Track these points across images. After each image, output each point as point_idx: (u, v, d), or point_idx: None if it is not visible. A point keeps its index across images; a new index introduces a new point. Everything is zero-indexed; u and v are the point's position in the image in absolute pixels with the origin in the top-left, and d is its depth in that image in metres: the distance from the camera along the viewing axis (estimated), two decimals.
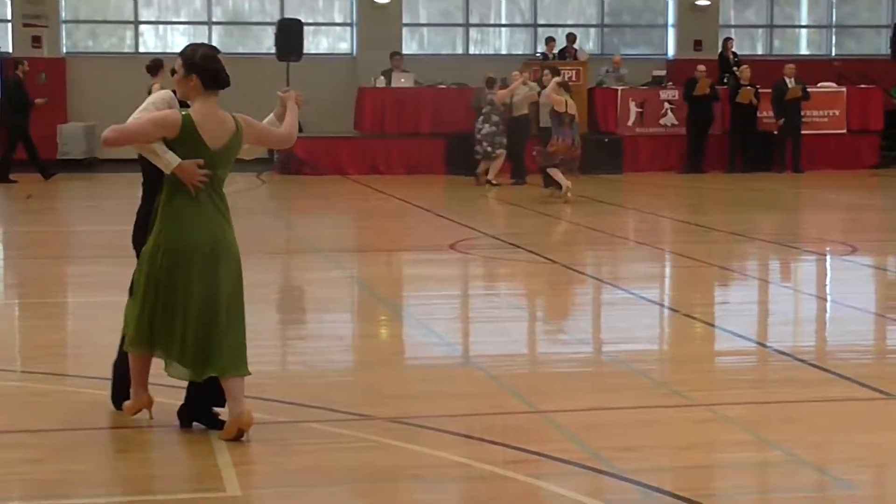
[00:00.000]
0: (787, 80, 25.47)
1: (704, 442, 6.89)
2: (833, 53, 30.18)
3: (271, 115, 7.27)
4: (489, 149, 22.58)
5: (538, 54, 27.05)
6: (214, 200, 6.75)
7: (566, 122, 19.33)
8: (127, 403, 6.97)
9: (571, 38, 27.04)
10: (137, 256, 6.87)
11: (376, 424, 7.01)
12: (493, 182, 22.18)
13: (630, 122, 25.79)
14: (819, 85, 26.62)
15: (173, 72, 6.85)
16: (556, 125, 19.53)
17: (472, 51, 29.10)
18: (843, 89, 26.84)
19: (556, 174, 19.27)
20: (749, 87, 25.50)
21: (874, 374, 8.41)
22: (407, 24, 28.36)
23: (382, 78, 25.70)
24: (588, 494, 5.84)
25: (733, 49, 27.83)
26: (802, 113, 25.64)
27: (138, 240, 6.92)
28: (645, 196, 21.55)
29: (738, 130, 25.62)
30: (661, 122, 25.91)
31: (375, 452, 6.54)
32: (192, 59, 6.70)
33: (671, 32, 29.30)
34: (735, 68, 26.55)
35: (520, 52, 28.58)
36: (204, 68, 6.68)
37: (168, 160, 6.58)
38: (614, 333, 10.12)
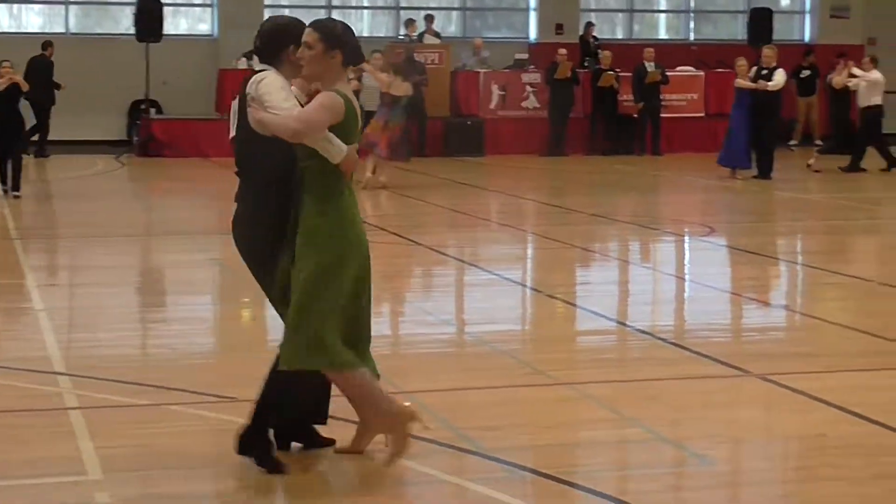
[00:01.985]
0: (647, 64, 25.81)
1: (567, 420, 6.97)
2: (692, 38, 30.64)
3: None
4: None
5: (401, 36, 27.04)
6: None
7: (385, 103, 19.05)
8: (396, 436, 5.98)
9: (430, 19, 27.07)
10: (259, 267, 6.06)
11: (240, 406, 6.94)
12: None
13: (492, 105, 25.92)
14: (678, 69, 27.04)
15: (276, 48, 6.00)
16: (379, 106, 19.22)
17: None
18: (702, 73, 27.31)
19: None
20: (610, 72, 25.80)
21: (731, 352, 8.58)
22: (269, 6, 28.11)
23: (244, 59, 25.46)
24: (453, 473, 5.87)
25: (594, 33, 28.12)
26: (662, 96, 26.02)
27: (261, 249, 5.98)
28: (507, 178, 21.69)
29: (598, 114, 25.93)
30: (523, 105, 26.09)
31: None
32: (334, 33, 5.85)
33: (533, 16, 29.48)
34: (596, 52, 26.84)
35: (382, 35, 28.53)
36: (348, 43, 5.87)
37: (339, 148, 5.76)
38: (477, 314, 10.17)
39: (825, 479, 5.99)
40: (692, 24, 30.98)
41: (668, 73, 26.07)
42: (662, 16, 31.52)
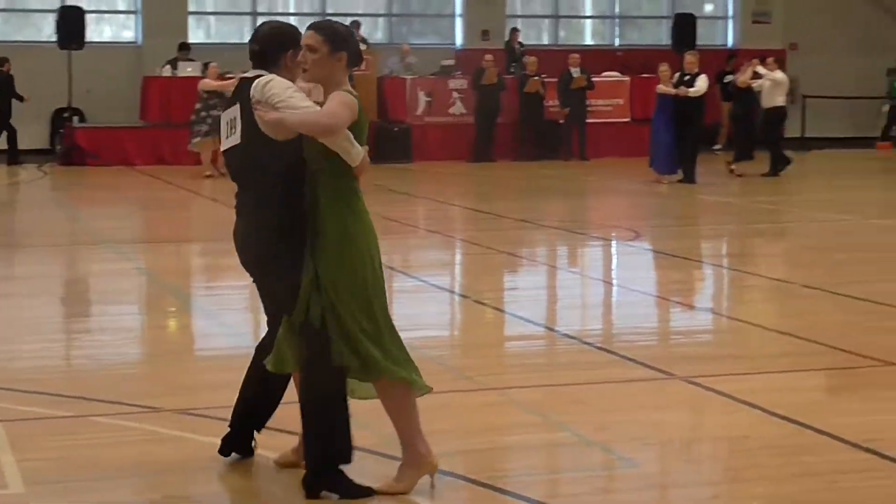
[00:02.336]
0: (573, 70, 25.92)
1: (495, 425, 6.96)
2: (617, 44, 30.84)
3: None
4: None
5: None
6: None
7: None
8: (413, 472, 5.78)
9: (356, 25, 27.00)
10: (269, 277, 5.82)
11: (164, 416, 6.90)
12: None
13: (419, 112, 25.94)
14: (603, 74, 27.19)
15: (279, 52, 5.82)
16: None
17: (214, 39, 28.61)
18: (627, 79, 27.47)
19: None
20: (536, 77, 25.88)
21: (657, 356, 8.62)
22: (193, 13, 27.96)
23: (168, 66, 25.31)
24: (380, 480, 5.84)
25: (520, 39, 28.21)
26: (587, 102, 26.15)
27: (272, 257, 5.74)
28: (435, 184, 21.70)
29: (525, 119, 26.01)
30: (450, 111, 26.12)
31: (163, 444, 6.44)
32: (339, 34, 5.66)
33: (459, 22, 29.53)
34: (522, 58, 26.93)
35: None
36: (352, 43, 5.71)
37: (358, 150, 5.59)
38: (405, 320, 10.08)
39: (750, 480, 6.03)
40: (617, 30, 31.17)
41: (593, 79, 26.20)
42: (588, 21, 31.68)
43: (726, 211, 18.10)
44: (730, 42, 31.10)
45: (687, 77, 20.79)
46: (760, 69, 22.37)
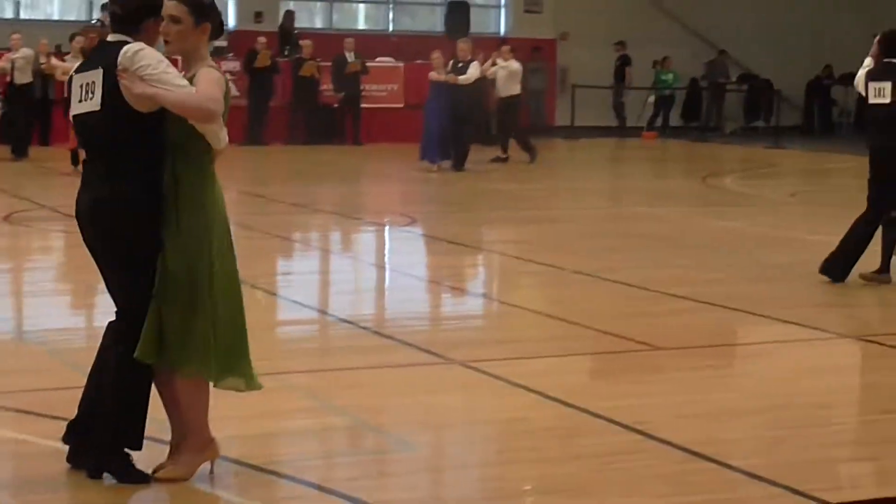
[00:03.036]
0: (347, 55, 25.89)
1: (269, 410, 6.87)
2: (391, 29, 30.91)
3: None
4: None
5: (95, 21, 26.30)
6: None
7: None
8: (196, 458, 5.63)
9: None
10: (123, 257, 5.50)
11: None
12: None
13: None
14: (378, 60, 27.24)
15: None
16: None
17: (23, 16, 27.91)
18: (401, 65, 27.57)
19: None
20: (311, 61, 25.76)
21: (432, 340, 8.69)
22: None
23: None
24: (154, 464, 5.71)
25: (294, 22, 28.03)
26: (362, 87, 26.15)
27: (130, 236, 5.46)
28: None
29: (299, 103, 25.87)
30: None
31: None
32: (203, 5, 5.43)
33: (231, 3, 29.16)
34: (297, 41, 26.76)
35: (73, 19, 27.69)
36: (216, 15, 5.48)
37: (225, 134, 5.45)
38: None
39: (526, 461, 6.11)
40: (391, 16, 31.24)
41: (368, 64, 26.22)
42: (362, 6, 31.67)
43: (498, 198, 18.32)
44: (502, 30, 31.51)
45: (460, 65, 20.96)
46: (499, 60, 22.64)
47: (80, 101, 5.53)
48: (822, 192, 20.15)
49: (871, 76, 10.87)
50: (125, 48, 5.37)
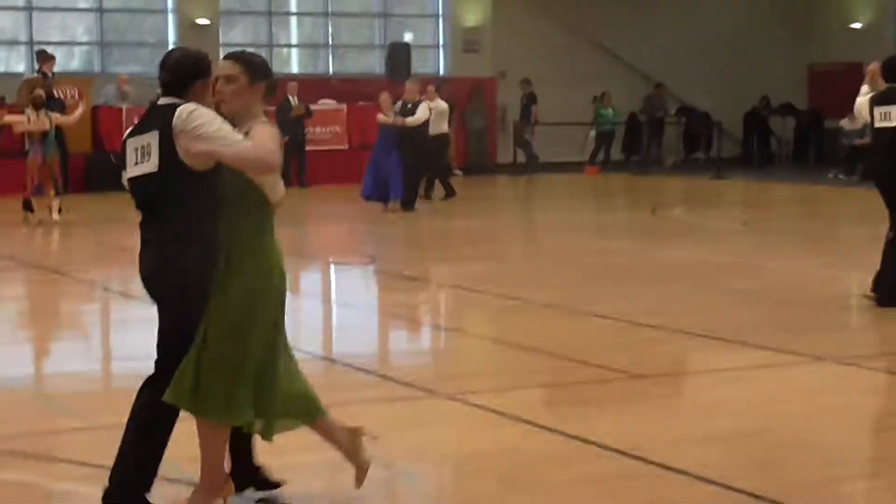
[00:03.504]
0: (290, 98, 25.92)
1: (269, 445, 6.86)
2: (331, 72, 30.96)
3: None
4: None
5: (37, 73, 26.12)
6: None
7: (37, 140, 18.68)
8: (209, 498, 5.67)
9: (43, 56, 26.15)
10: (186, 308, 5.51)
11: None
12: None
13: None
14: (319, 102, 27.29)
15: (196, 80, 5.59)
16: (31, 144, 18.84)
17: None
18: (343, 106, 27.64)
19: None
20: None
21: (416, 375, 8.68)
22: None
23: None
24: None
25: None
26: (306, 130, 26.19)
27: (190, 289, 5.50)
28: None
29: None
30: None
31: None
32: (258, 65, 5.56)
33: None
34: None
35: (20, 71, 27.58)
36: (270, 74, 5.61)
37: (282, 186, 5.52)
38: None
39: (527, 491, 6.14)
40: (330, 58, 31.29)
41: (311, 107, 26.26)
42: (294, 50, 31.66)
43: (455, 235, 18.42)
44: (441, 70, 31.69)
45: (409, 106, 21.02)
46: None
47: (136, 163, 5.58)
48: (771, 221, 20.41)
49: (877, 101, 11.09)
50: (179, 110, 5.41)
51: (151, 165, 5.49)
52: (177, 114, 5.41)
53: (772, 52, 33.59)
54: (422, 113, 20.94)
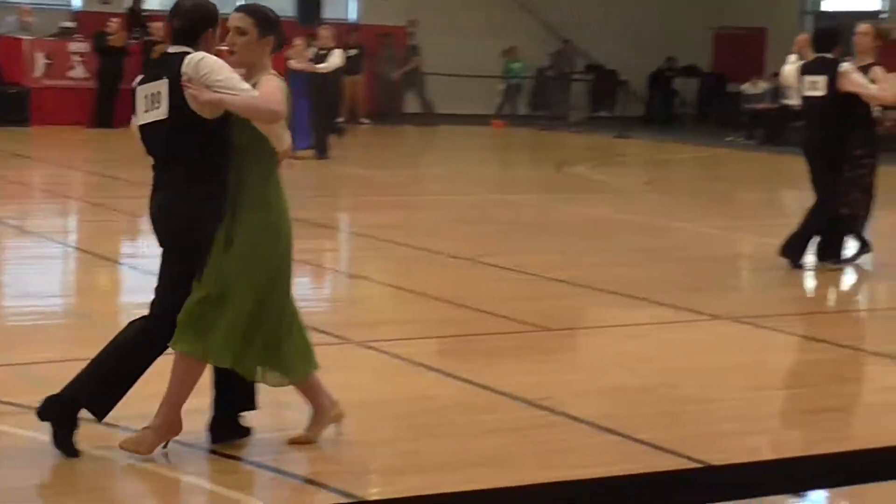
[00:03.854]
0: None
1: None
2: None
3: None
4: None
5: None
6: None
7: None
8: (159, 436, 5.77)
9: None
10: (188, 255, 5.67)
11: None
12: None
13: (37, 74, 25.08)
14: (224, 45, 26.99)
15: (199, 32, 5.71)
16: None
17: None
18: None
19: None
20: (162, 44, 25.49)
21: (325, 321, 8.76)
22: None
23: None
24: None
25: (144, 4, 27.70)
26: None
27: (197, 236, 5.65)
28: (56, 149, 21.18)
29: None
30: (70, 74, 25.38)
31: None
32: (269, 18, 5.74)
33: None
34: (146, 23, 26.46)
35: None
36: (280, 28, 5.78)
37: (288, 136, 5.71)
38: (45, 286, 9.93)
39: (439, 437, 6.31)
40: (237, 2, 30.97)
41: (218, 48, 25.99)
42: None
43: (363, 183, 18.47)
44: (352, 16, 31.58)
45: (323, 52, 20.95)
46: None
47: (147, 110, 5.71)
48: (674, 181, 20.74)
49: (806, 70, 11.32)
50: (188, 58, 5.57)
51: (161, 112, 5.64)
52: (185, 62, 5.54)
53: (680, 14, 33.91)
54: (335, 59, 20.83)
